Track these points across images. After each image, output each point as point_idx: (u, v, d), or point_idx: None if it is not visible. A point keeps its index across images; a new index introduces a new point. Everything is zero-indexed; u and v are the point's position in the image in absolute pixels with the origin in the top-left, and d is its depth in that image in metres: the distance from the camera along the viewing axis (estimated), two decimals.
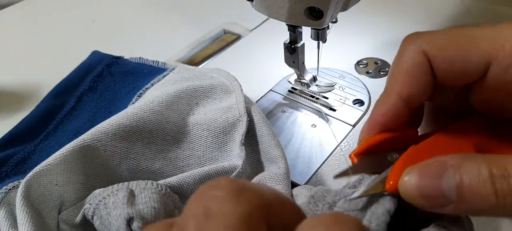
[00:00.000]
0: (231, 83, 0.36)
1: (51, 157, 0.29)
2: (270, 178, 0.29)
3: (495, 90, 0.22)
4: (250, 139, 0.34)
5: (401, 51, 0.24)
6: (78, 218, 0.28)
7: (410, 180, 0.20)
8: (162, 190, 0.27)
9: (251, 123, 0.34)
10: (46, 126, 0.40)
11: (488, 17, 0.53)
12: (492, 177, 0.18)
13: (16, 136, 0.39)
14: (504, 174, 0.18)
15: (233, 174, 0.30)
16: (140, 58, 0.46)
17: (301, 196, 0.27)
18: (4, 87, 0.49)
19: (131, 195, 0.26)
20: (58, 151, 0.30)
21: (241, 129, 0.33)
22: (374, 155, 0.24)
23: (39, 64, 0.53)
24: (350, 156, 0.24)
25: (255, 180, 0.30)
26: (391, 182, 0.21)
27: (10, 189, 0.30)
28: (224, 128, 0.34)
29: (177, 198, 0.28)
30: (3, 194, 0.29)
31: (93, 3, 0.66)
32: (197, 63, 0.51)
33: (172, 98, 0.34)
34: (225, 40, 0.55)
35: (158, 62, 0.44)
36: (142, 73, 0.44)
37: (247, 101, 0.35)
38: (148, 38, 0.56)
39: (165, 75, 0.41)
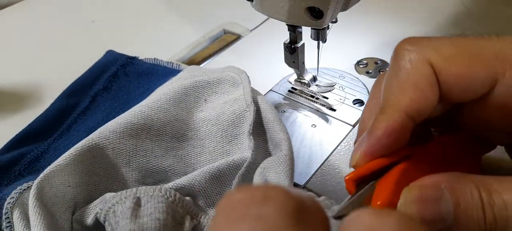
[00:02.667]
0: (240, 76, 0.36)
1: (60, 157, 0.29)
2: (273, 162, 0.29)
3: (493, 110, 0.21)
4: (259, 128, 0.33)
5: (400, 60, 0.21)
6: (91, 220, 0.28)
7: (410, 204, 0.19)
8: (171, 197, 0.27)
9: (259, 113, 0.33)
10: (60, 125, 0.40)
11: (488, 17, 0.53)
12: (482, 202, 0.19)
13: (30, 134, 0.39)
14: (490, 201, 0.18)
15: (244, 166, 0.30)
16: (155, 59, 0.46)
17: None
18: (4, 87, 0.49)
19: (137, 205, 0.26)
20: (67, 152, 0.29)
21: (249, 119, 0.33)
22: (373, 181, 0.22)
23: (39, 64, 0.53)
24: (346, 181, 0.22)
25: (259, 169, 0.30)
26: (379, 202, 0.20)
27: (25, 189, 0.30)
28: (233, 120, 0.33)
29: (189, 202, 0.28)
30: (17, 194, 0.29)
31: (93, 3, 0.66)
32: (197, 63, 0.51)
33: (179, 96, 0.34)
34: (225, 40, 0.55)
35: (173, 63, 0.44)
36: (157, 74, 0.44)
37: (254, 92, 0.35)
38: (148, 38, 0.56)
39: None
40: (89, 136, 0.31)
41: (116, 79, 0.45)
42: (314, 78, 0.42)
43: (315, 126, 0.40)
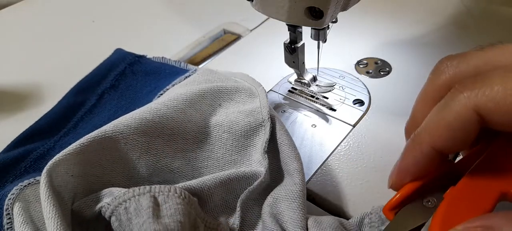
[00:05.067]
0: (256, 88, 0.36)
1: (70, 146, 0.29)
2: (286, 196, 0.29)
3: None
4: (270, 145, 0.33)
5: (450, 99, 0.22)
6: (91, 213, 0.27)
7: None
8: (186, 197, 0.26)
9: (273, 131, 0.33)
10: (67, 122, 0.41)
11: (488, 17, 0.53)
12: None
13: (37, 131, 0.39)
14: None
15: (256, 182, 0.30)
16: (162, 58, 0.46)
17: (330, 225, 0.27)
18: (4, 87, 0.49)
19: (156, 204, 0.25)
20: (78, 141, 0.29)
21: (264, 135, 0.33)
22: (409, 205, 0.23)
23: (39, 64, 0.53)
24: (384, 211, 0.23)
25: (270, 197, 0.30)
26: None
27: (26, 186, 0.29)
28: (246, 131, 0.33)
29: (196, 202, 0.27)
30: (18, 191, 0.29)
31: (93, 3, 0.66)
32: (197, 63, 0.51)
33: (196, 98, 0.34)
34: (225, 40, 0.55)
35: (181, 63, 0.44)
36: (164, 73, 0.44)
37: (270, 109, 0.35)
38: (148, 38, 0.56)
39: (186, 77, 0.41)
40: (102, 127, 0.30)
41: (124, 78, 0.45)
42: (314, 78, 0.42)
43: (315, 126, 0.40)
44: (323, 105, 0.42)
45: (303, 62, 0.40)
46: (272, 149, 0.33)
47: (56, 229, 0.25)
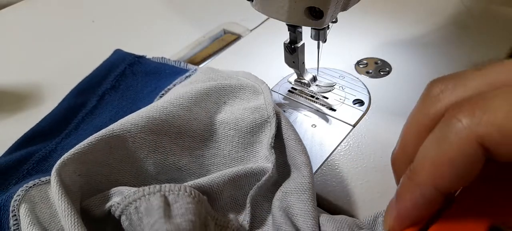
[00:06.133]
0: (260, 85, 0.36)
1: (78, 145, 0.29)
2: (295, 189, 0.29)
3: None
4: (276, 140, 0.33)
5: (447, 129, 0.19)
6: (100, 212, 0.27)
7: None
8: (196, 196, 0.26)
9: (278, 127, 0.33)
10: (68, 124, 0.41)
11: (488, 17, 0.53)
12: None
13: (38, 133, 0.39)
14: None
15: (264, 178, 0.30)
16: (162, 58, 0.46)
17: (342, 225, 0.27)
18: (4, 87, 0.49)
19: (166, 204, 0.25)
20: (86, 140, 0.29)
21: (270, 131, 0.33)
22: None
23: (39, 64, 0.53)
24: None
25: (279, 192, 0.30)
26: None
27: (31, 187, 0.29)
28: (252, 128, 0.33)
29: (205, 201, 0.27)
30: (23, 192, 0.29)
31: (93, 3, 0.66)
32: (197, 63, 0.51)
33: (201, 96, 0.34)
34: (225, 40, 0.55)
35: (181, 63, 0.45)
36: (164, 73, 0.44)
37: (274, 105, 0.35)
38: (148, 38, 0.56)
39: (187, 77, 0.41)
40: (110, 126, 0.30)
41: (124, 78, 0.45)
42: (314, 78, 0.42)
43: (315, 126, 0.40)
44: (323, 105, 0.42)
45: (303, 62, 0.40)
46: (278, 144, 0.33)
47: (74, 226, 0.25)
